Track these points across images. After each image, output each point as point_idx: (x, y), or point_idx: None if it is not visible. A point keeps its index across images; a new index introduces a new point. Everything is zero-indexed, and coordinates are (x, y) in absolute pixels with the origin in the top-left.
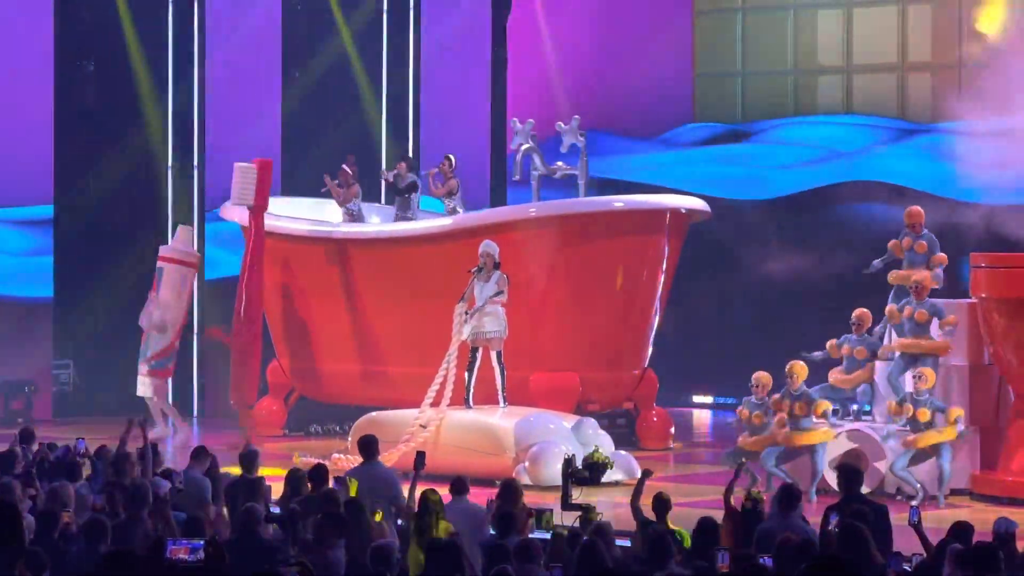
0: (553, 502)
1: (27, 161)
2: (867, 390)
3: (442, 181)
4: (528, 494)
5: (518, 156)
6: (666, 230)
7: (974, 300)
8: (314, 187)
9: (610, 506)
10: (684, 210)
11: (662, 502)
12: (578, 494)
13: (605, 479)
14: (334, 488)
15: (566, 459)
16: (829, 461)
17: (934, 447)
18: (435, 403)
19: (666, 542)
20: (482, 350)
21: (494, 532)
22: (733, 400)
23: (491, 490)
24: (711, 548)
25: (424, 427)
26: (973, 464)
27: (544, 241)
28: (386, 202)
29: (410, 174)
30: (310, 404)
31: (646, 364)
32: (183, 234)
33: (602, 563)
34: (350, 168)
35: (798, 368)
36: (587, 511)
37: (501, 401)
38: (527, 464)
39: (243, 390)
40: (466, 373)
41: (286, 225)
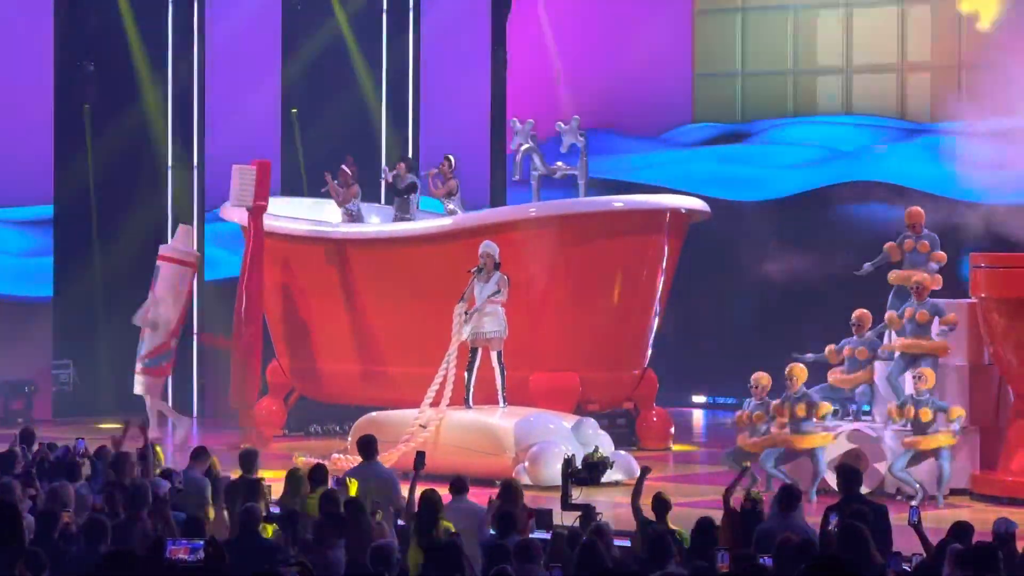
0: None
1: (27, 161)
2: (866, 391)
3: (442, 181)
4: (528, 494)
5: (518, 156)
6: (666, 230)
7: (974, 300)
8: (314, 188)
9: (610, 506)
10: (684, 210)
11: (662, 502)
12: (578, 494)
13: (605, 479)
14: (334, 488)
15: (566, 459)
16: (829, 461)
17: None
18: (435, 403)
19: (666, 542)
20: (482, 350)
21: (494, 532)
22: (733, 400)
23: (491, 490)
24: (710, 548)
25: (424, 427)
26: (973, 464)
27: (544, 241)
28: (386, 202)
29: (409, 175)
30: (310, 404)
31: (646, 364)
32: (183, 233)
33: (602, 563)
34: (349, 168)
35: (797, 371)
36: (587, 511)
37: (501, 401)
38: (527, 464)
39: (244, 391)
40: (466, 373)
41: (286, 225)
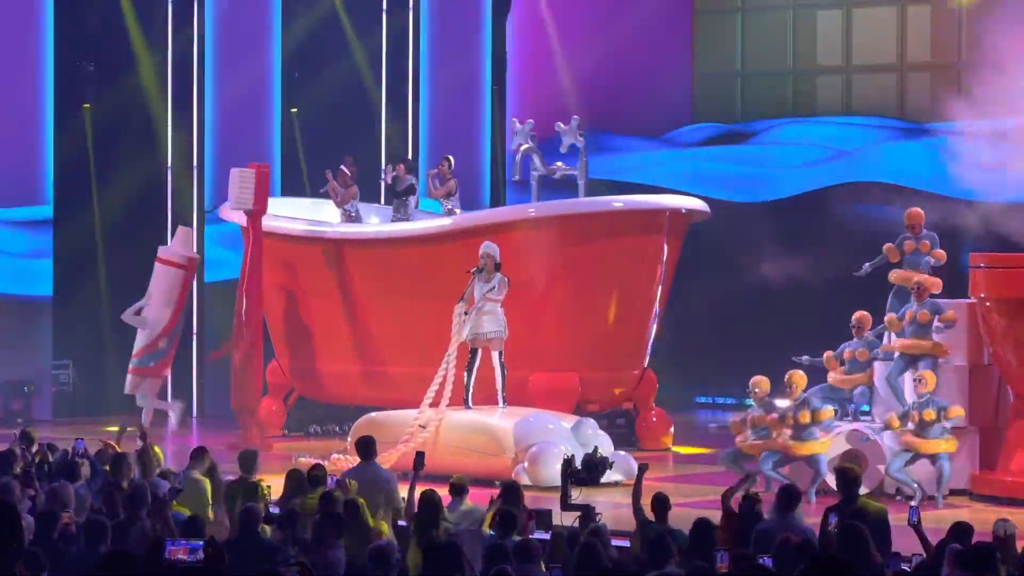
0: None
1: (27, 161)
2: (865, 392)
3: (441, 182)
4: (527, 494)
5: (518, 156)
6: (666, 230)
7: (974, 300)
8: (314, 187)
9: (610, 506)
10: (684, 210)
11: (662, 502)
12: (578, 494)
13: (604, 479)
14: (333, 488)
15: (565, 459)
16: (828, 461)
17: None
18: (434, 403)
19: (666, 542)
20: (482, 351)
21: (494, 532)
22: (732, 400)
23: (491, 490)
24: (708, 549)
25: (423, 427)
26: (972, 464)
27: (544, 241)
28: (385, 203)
29: (409, 176)
30: (310, 404)
31: (646, 364)
32: (181, 235)
33: (601, 564)
34: (349, 169)
35: (797, 378)
36: (587, 511)
37: (500, 401)
38: (526, 464)
39: (245, 394)
40: (465, 373)
41: (285, 225)
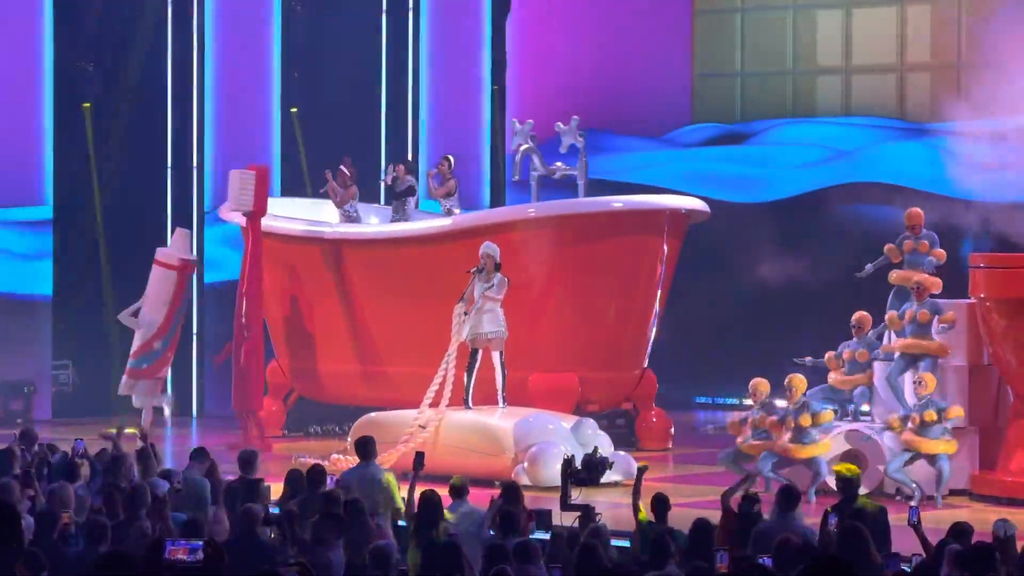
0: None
1: (27, 161)
2: (864, 392)
3: (440, 182)
4: (527, 494)
5: (517, 156)
6: (665, 230)
7: (974, 300)
8: (314, 188)
9: (610, 506)
10: (684, 210)
11: (662, 502)
12: (577, 494)
13: (604, 479)
14: (333, 488)
15: (565, 460)
16: (829, 461)
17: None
18: (434, 403)
19: (666, 542)
20: (482, 351)
21: (494, 532)
22: (732, 401)
23: (491, 490)
24: (708, 549)
25: (423, 427)
26: (972, 464)
27: (543, 241)
28: (385, 203)
29: (408, 177)
30: (309, 404)
31: (645, 364)
32: (179, 237)
33: (601, 564)
34: (348, 170)
35: (797, 381)
36: (587, 512)
37: (500, 401)
38: (526, 465)
39: (246, 395)
40: (465, 374)
41: (284, 226)
